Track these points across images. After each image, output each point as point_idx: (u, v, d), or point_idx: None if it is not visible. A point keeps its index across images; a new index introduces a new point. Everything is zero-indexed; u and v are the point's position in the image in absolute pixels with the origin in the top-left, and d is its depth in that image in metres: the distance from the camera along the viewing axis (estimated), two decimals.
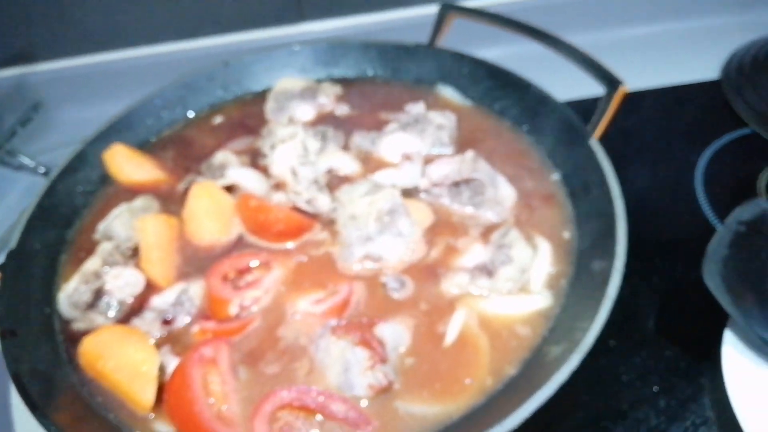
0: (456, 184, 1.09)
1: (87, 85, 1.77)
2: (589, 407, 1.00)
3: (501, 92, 1.26)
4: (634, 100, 1.49)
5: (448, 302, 0.97)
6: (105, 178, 1.26)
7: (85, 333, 0.97)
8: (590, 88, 1.17)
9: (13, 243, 1.07)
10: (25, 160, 1.57)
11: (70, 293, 1.01)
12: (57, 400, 0.91)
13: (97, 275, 1.03)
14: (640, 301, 1.13)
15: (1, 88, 1.80)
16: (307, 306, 0.98)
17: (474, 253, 1.02)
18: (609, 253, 0.92)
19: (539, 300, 0.96)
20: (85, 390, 0.94)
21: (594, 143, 1.07)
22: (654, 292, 1.15)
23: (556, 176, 1.13)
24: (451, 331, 0.93)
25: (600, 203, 1.00)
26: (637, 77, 1.11)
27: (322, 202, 1.10)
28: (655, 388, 1.02)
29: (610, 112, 1.07)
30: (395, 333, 0.93)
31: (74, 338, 0.99)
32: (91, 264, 1.04)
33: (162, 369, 0.92)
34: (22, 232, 1.09)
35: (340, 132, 1.26)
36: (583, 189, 1.07)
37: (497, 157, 1.17)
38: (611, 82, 1.06)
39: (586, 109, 1.12)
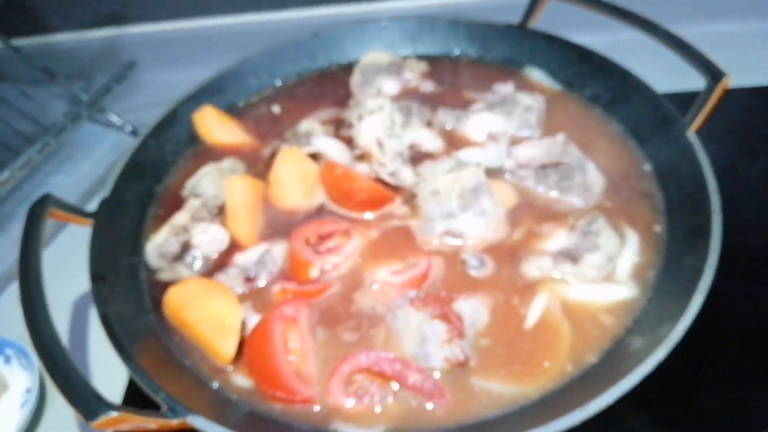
0: (543, 167, 1.07)
1: (176, 50, 1.82)
2: (661, 408, 0.97)
3: (593, 78, 1.23)
4: (729, 96, 1.43)
5: (528, 284, 0.96)
6: (193, 138, 1.30)
7: (169, 284, 1.01)
8: (683, 81, 1.13)
9: (106, 192, 1.11)
10: (113, 118, 1.63)
11: (160, 244, 1.05)
12: (140, 344, 0.94)
13: (185, 229, 1.06)
14: (723, 304, 1.09)
15: (94, 48, 1.87)
16: (385, 276, 0.99)
17: (558, 237, 1.00)
18: (702, 249, 0.89)
19: (625, 290, 0.93)
20: (165, 337, 0.98)
21: (692, 136, 1.03)
22: (739, 295, 1.10)
23: (647, 167, 1.10)
24: (533, 314, 0.92)
25: (694, 197, 0.97)
26: (734, 74, 1.08)
27: (406, 175, 1.10)
28: (736, 395, 0.98)
29: (710, 104, 1.02)
30: (474, 310, 0.93)
31: (159, 288, 1.03)
32: (180, 218, 1.07)
33: (243, 324, 0.94)
34: (116, 182, 1.13)
35: (424, 108, 1.26)
36: (676, 182, 1.03)
37: (586, 143, 1.14)
38: (714, 73, 1.02)
39: (678, 102, 1.07)
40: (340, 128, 1.25)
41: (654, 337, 0.82)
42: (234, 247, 1.07)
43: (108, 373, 1.11)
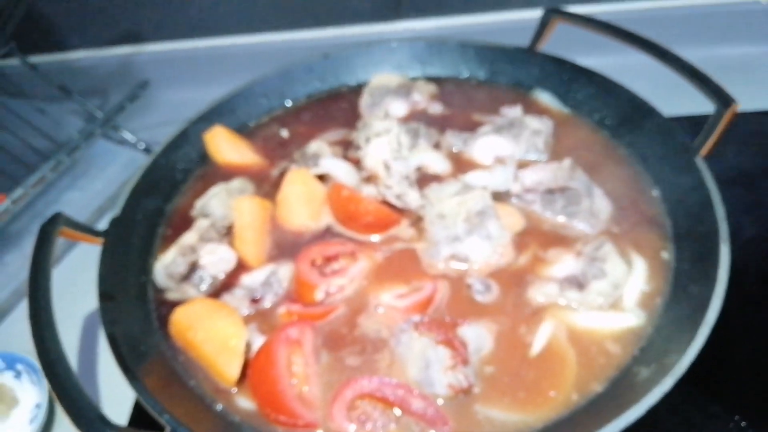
0: (550, 192, 1.07)
1: (190, 69, 1.85)
2: None
3: (602, 101, 1.23)
4: (740, 121, 1.42)
5: (534, 311, 0.96)
6: (203, 158, 1.31)
7: (176, 303, 1.02)
8: (693, 105, 1.13)
9: (117, 211, 1.12)
10: (127, 136, 1.65)
11: (168, 264, 1.06)
12: (146, 365, 0.94)
13: (193, 249, 1.07)
14: (732, 332, 1.07)
15: (109, 66, 1.90)
16: (390, 299, 0.99)
17: (565, 263, 0.99)
18: (709, 277, 0.88)
19: (631, 318, 0.93)
20: (171, 357, 0.98)
21: (700, 162, 1.02)
22: (749, 323, 1.09)
23: (655, 192, 1.09)
24: (538, 342, 0.91)
25: (702, 224, 0.96)
26: (743, 98, 1.07)
27: (412, 198, 1.10)
28: (743, 423, 0.97)
29: (719, 130, 1.02)
30: (478, 336, 0.93)
31: (166, 307, 1.04)
32: (189, 238, 1.08)
33: (248, 345, 0.94)
34: (126, 201, 1.14)
35: (432, 130, 1.26)
36: (684, 208, 1.02)
37: (593, 167, 1.13)
38: (723, 99, 1.01)
39: (687, 126, 1.07)
40: (348, 150, 1.26)
41: (660, 366, 0.81)
42: (241, 267, 1.08)
43: (117, 389, 1.11)
